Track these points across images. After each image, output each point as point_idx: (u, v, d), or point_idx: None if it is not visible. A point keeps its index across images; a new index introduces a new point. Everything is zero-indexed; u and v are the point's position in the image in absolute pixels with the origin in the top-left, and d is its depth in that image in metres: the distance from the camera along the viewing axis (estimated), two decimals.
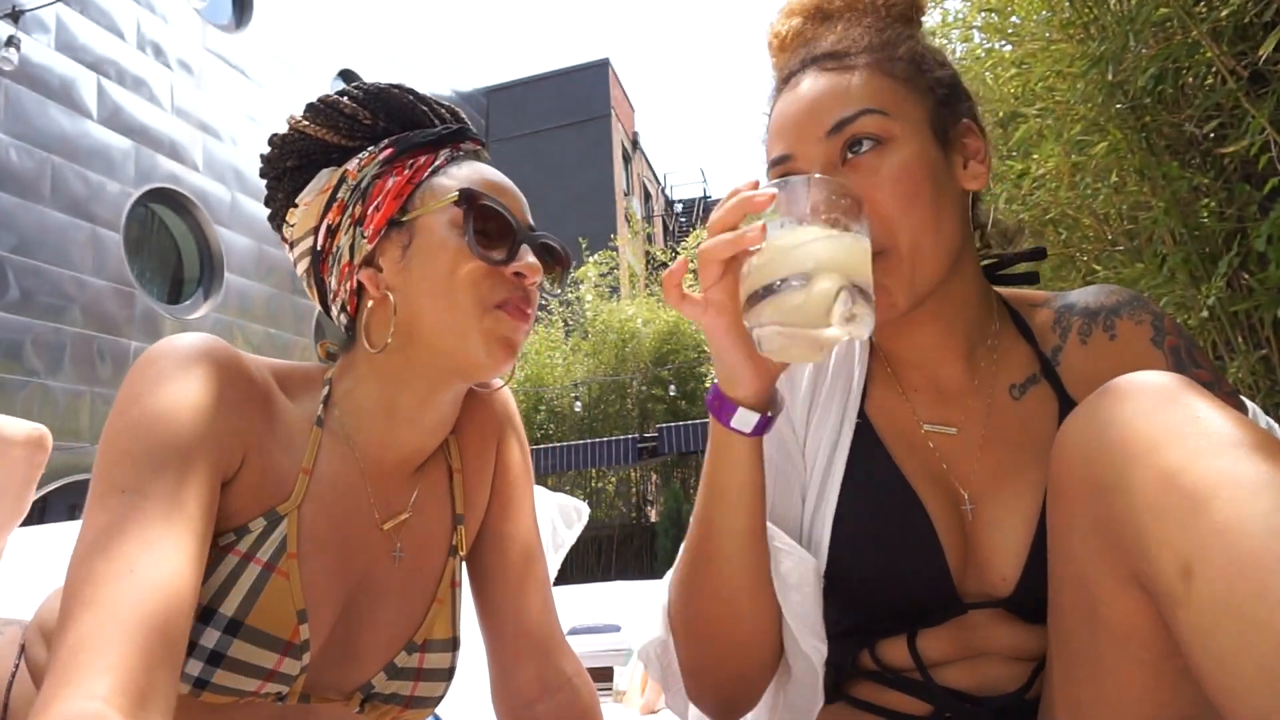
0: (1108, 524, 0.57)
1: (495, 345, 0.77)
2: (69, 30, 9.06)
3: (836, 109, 0.73)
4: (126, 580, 0.57)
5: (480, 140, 0.89)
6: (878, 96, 0.73)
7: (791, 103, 0.76)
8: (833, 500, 0.79)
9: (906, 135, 0.73)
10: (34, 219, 8.52)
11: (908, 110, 0.74)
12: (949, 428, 0.80)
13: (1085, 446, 0.60)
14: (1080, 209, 2.59)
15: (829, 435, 0.82)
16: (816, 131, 0.73)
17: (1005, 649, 0.74)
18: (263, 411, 0.75)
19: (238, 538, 0.71)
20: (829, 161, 0.73)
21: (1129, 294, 0.79)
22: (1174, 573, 0.52)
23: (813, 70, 0.76)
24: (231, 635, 0.68)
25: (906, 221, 0.71)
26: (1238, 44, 1.73)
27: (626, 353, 13.15)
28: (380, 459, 0.81)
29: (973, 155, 0.78)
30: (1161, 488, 0.53)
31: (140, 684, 0.53)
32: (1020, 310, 0.84)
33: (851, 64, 0.75)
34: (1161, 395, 0.57)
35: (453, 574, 0.87)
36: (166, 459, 0.64)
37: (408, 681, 0.81)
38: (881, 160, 0.72)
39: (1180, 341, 0.76)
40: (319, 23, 13.30)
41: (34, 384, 8.43)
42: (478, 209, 0.77)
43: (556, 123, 20.60)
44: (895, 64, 0.75)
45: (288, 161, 0.84)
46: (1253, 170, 1.85)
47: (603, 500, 13.13)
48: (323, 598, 0.75)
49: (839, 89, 0.74)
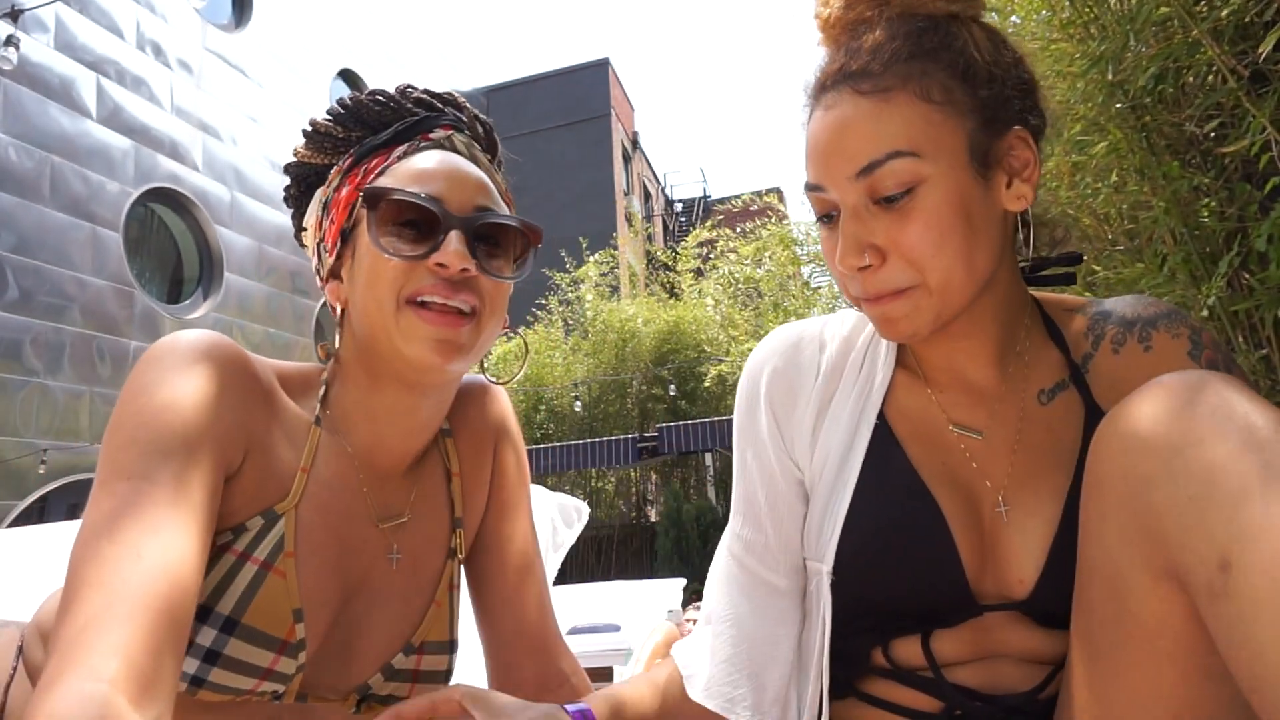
0: (1146, 517, 0.57)
1: (417, 344, 0.74)
2: (68, 30, 9.06)
3: (866, 149, 0.70)
4: (133, 563, 0.56)
5: (455, 124, 0.85)
6: (909, 133, 0.69)
7: (823, 129, 0.73)
8: (845, 501, 0.78)
9: (939, 174, 0.69)
10: (34, 218, 8.52)
11: (943, 143, 0.70)
12: (975, 432, 0.79)
13: (1125, 440, 0.60)
14: (1080, 208, 2.59)
15: (842, 437, 0.81)
16: (846, 170, 0.71)
17: (1020, 651, 0.74)
18: (265, 409, 0.75)
19: (235, 536, 0.71)
20: (859, 201, 0.71)
21: (1168, 307, 0.78)
22: (1213, 565, 0.52)
23: (846, 91, 0.72)
24: (228, 634, 0.68)
25: (936, 264, 0.70)
26: (1238, 43, 1.73)
27: (626, 352, 13.15)
28: (373, 460, 0.82)
29: (1018, 171, 0.74)
30: (1203, 481, 0.53)
31: (146, 668, 0.53)
32: (1054, 315, 0.83)
33: (885, 86, 0.70)
34: (1203, 390, 0.57)
35: (451, 577, 0.87)
36: (173, 448, 0.64)
37: (404, 683, 0.81)
38: (912, 204, 0.69)
39: (1218, 356, 0.75)
40: (319, 22, 13.30)
41: (33, 384, 8.42)
42: (386, 205, 0.75)
43: (556, 122, 20.60)
44: (933, 85, 0.70)
45: (293, 190, 0.89)
46: (1253, 170, 1.85)
47: (602, 500, 13.14)
48: (320, 597, 0.75)
49: (869, 124, 0.70)
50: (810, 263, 10.57)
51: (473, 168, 0.81)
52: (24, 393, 8.35)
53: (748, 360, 0.90)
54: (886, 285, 0.72)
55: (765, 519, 0.84)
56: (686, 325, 13.02)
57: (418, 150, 0.81)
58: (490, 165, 0.86)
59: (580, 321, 13.96)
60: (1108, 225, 2.55)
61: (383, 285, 0.74)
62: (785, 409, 0.85)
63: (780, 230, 11.07)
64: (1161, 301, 0.79)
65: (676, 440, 10.99)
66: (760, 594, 0.84)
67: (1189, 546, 0.53)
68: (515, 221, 0.80)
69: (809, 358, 0.86)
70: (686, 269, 14.57)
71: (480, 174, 0.81)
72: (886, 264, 0.71)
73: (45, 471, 8.49)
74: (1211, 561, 0.52)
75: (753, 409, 0.87)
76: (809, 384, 0.85)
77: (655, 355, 13.08)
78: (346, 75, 13.98)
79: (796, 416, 0.84)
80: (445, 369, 0.76)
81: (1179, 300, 2.06)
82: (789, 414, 0.85)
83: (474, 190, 0.79)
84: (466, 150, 0.83)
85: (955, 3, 0.74)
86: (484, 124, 0.90)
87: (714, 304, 13.14)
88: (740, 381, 0.90)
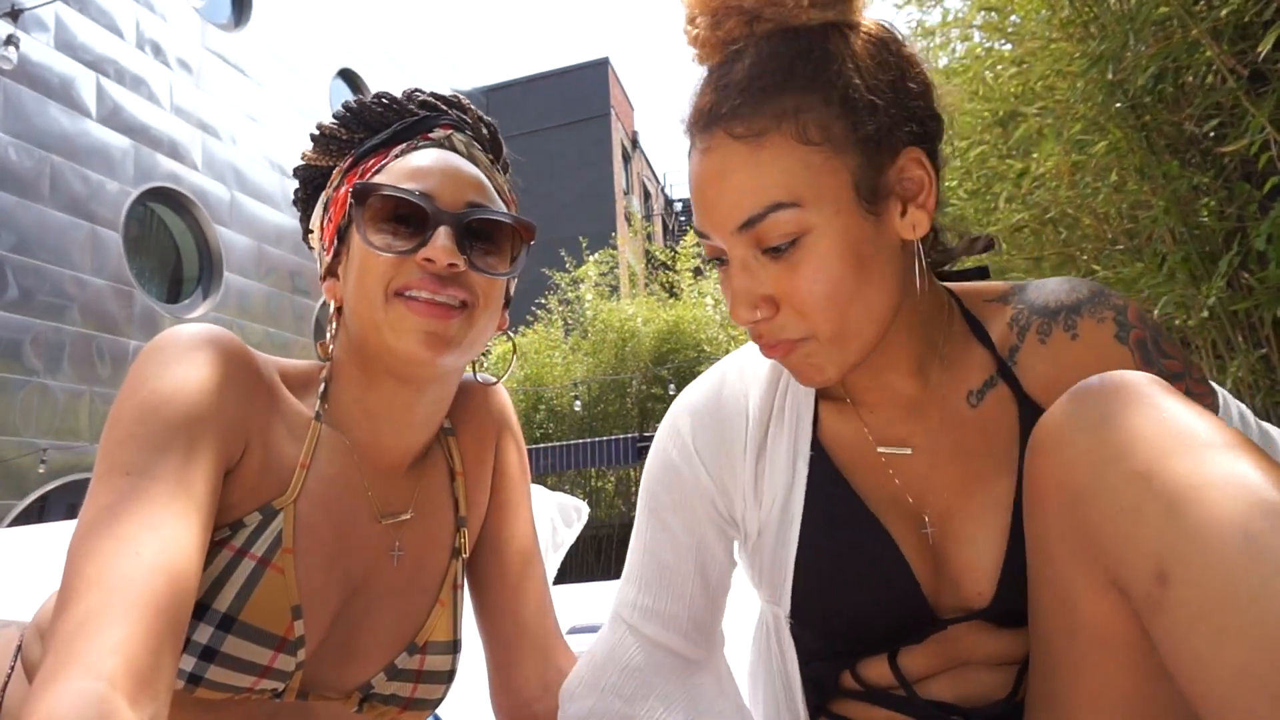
0: (1083, 528, 0.57)
1: (405, 337, 0.74)
2: (68, 29, 9.06)
3: (745, 201, 0.66)
4: (132, 560, 0.56)
5: (455, 124, 0.86)
6: (788, 182, 0.65)
7: (701, 176, 0.69)
8: (794, 540, 0.76)
9: (824, 220, 0.65)
10: (33, 218, 8.52)
11: (825, 187, 0.65)
12: (904, 449, 0.77)
13: (1058, 451, 0.59)
14: (1080, 208, 2.59)
15: (782, 477, 0.78)
16: (728, 224, 0.67)
17: (988, 656, 0.73)
18: (267, 403, 0.75)
19: (232, 532, 0.71)
20: (746, 253, 0.68)
21: (1090, 289, 0.76)
22: (1149, 577, 0.52)
23: (720, 134, 0.67)
24: (225, 631, 0.68)
25: (827, 315, 0.67)
26: (1238, 43, 1.73)
27: (626, 352, 13.14)
28: (373, 457, 0.82)
29: (913, 196, 0.70)
30: (1136, 491, 0.53)
31: (145, 666, 0.52)
32: (975, 308, 0.80)
33: (759, 130, 0.65)
34: (1132, 396, 0.57)
35: (455, 576, 0.87)
36: (172, 441, 0.64)
37: (407, 683, 0.81)
38: (798, 255, 0.66)
39: (1146, 333, 0.73)
40: (318, 22, 13.29)
41: (33, 383, 8.42)
42: (374, 201, 0.76)
43: (556, 122, 20.60)
44: (810, 124, 0.65)
45: (301, 193, 0.89)
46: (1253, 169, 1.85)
47: (602, 499, 13.13)
48: (320, 594, 0.74)
49: (746, 174, 0.66)
50: None
51: (468, 165, 0.81)
52: (24, 392, 8.34)
53: (665, 423, 0.85)
54: (780, 335, 0.69)
55: (690, 587, 0.80)
56: (686, 325, 13.02)
57: (415, 149, 0.81)
58: (491, 166, 0.86)
59: (580, 321, 13.96)
60: (1107, 224, 2.55)
61: (371, 279, 0.74)
62: (722, 464, 0.80)
63: None
64: (1085, 283, 0.76)
65: None
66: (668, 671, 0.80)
67: (1125, 559, 0.53)
68: (507, 217, 0.79)
69: (735, 407, 0.82)
70: (686, 268, 14.57)
71: (475, 171, 0.81)
72: (780, 314, 0.68)
73: (45, 471, 8.49)
74: (1148, 574, 0.52)
75: (680, 472, 0.81)
76: (741, 433, 0.81)
77: (655, 355, 13.07)
78: (346, 75, 13.97)
79: (735, 468, 0.80)
80: (435, 362, 0.75)
81: (1179, 299, 2.06)
82: (728, 468, 0.80)
83: (466, 187, 0.79)
84: (465, 150, 0.83)
85: (829, 10, 0.68)
86: (488, 126, 0.90)
87: (714, 304, 13.13)
88: (659, 445, 0.84)
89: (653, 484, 0.84)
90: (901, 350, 0.75)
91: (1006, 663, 0.73)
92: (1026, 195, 2.79)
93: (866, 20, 0.71)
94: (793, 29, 0.68)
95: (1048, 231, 2.97)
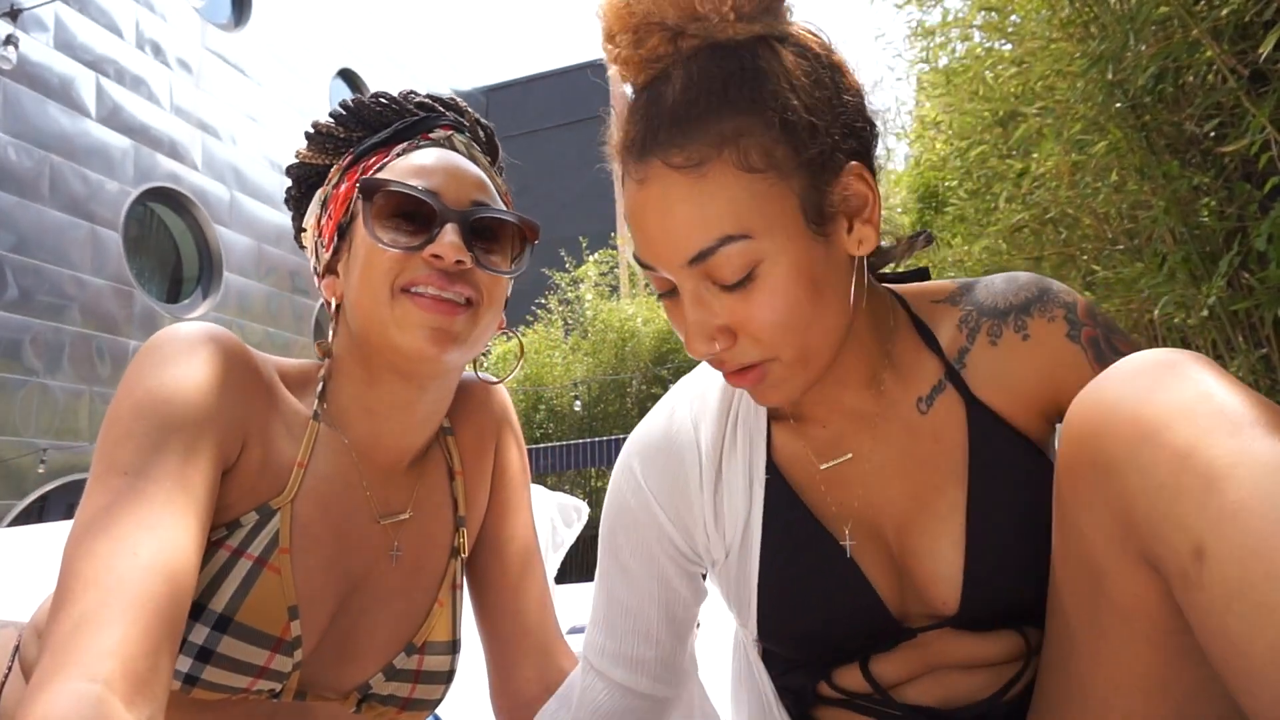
0: (1119, 502, 0.56)
1: (412, 332, 0.74)
2: (68, 29, 9.06)
3: (693, 236, 0.63)
4: (130, 560, 0.56)
5: (456, 125, 0.86)
6: (735, 212, 0.62)
7: (641, 208, 0.66)
8: (754, 564, 0.75)
9: (776, 248, 0.63)
10: (33, 218, 8.52)
11: (772, 214, 0.63)
12: (844, 455, 0.76)
13: (1095, 424, 0.59)
14: (1080, 208, 2.59)
15: (740, 503, 0.77)
16: (676, 259, 0.64)
17: (961, 660, 0.73)
18: (265, 402, 0.75)
19: (229, 532, 0.70)
20: (697, 285, 0.65)
21: (1038, 287, 0.75)
22: (1187, 554, 0.51)
23: (657, 164, 0.63)
24: (220, 632, 0.68)
25: (786, 339, 0.66)
26: (1238, 43, 1.73)
27: (626, 352, 13.14)
28: (372, 456, 0.82)
29: (858, 212, 0.68)
30: (1174, 467, 0.53)
31: (141, 667, 0.52)
32: (923, 311, 0.78)
33: (699, 159, 0.62)
34: (1172, 371, 0.56)
35: (454, 576, 0.87)
36: (170, 440, 0.64)
37: (406, 683, 0.81)
38: (752, 285, 0.64)
39: (1098, 330, 0.72)
40: (318, 22, 13.29)
41: (33, 383, 8.42)
42: (382, 197, 0.76)
43: (556, 121, 20.60)
44: (751, 149, 0.62)
45: (295, 191, 0.89)
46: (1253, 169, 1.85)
47: (602, 499, 13.08)
48: (317, 594, 0.74)
49: (690, 208, 0.63)
50: None
51: (471, 165, 0.82)
52: (23, 392, 8.34)
53: (618, 464, 0.83)
54: (740, 361, 0.67)
55: (655, 629, 0.80)
56: None
57: (417, 148, 0.81)
58: (489, 167, 0.87)
59: (580, 321, 13.96)
60: (1107, 224, 2.55)
61: (377, 275, 0.74)
62: (678, 502, 0.79)
63: None
64: (1033, 281, 0.75)
65: None
66: (638, 714, 0.79)
67: (1161, 535, 0.53)
68: (512, 217, 0.80)
69: (685, 440, 0.80)
70: None
71: (478, 171, 0.82)
72: (737, 343, 0.66)
73: (45, 471, 8.49)
74: (1185, 550, 0.51)
75: (636, 515, 0.80)
76: (694, 467, 0.79)
77: (655, 355, 13.07)
78: (346, 75, 13.97)
79: (691, 504, 0.79)
80: (440, 358, 0.75)
81: (1179, 299, 2.06)
82: (684, 505, 0.79)
83: (471, 186, 0.79)
84: (466, 150, 0.84)
85: (755, 23, 0.65)
86: (485, 128, 0.90)
87: None
88: (614, 488, 0.83)
89: (610, 528, 0.82)
90: (853, 362, 0.74)
91: (982, 665, 0.73)
92: (1026, 195, 2.79)
93: (793, 27, 0.68)
94: (720, 45, 0.65)
95: (1048, 231, 2.97)
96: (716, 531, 0.78)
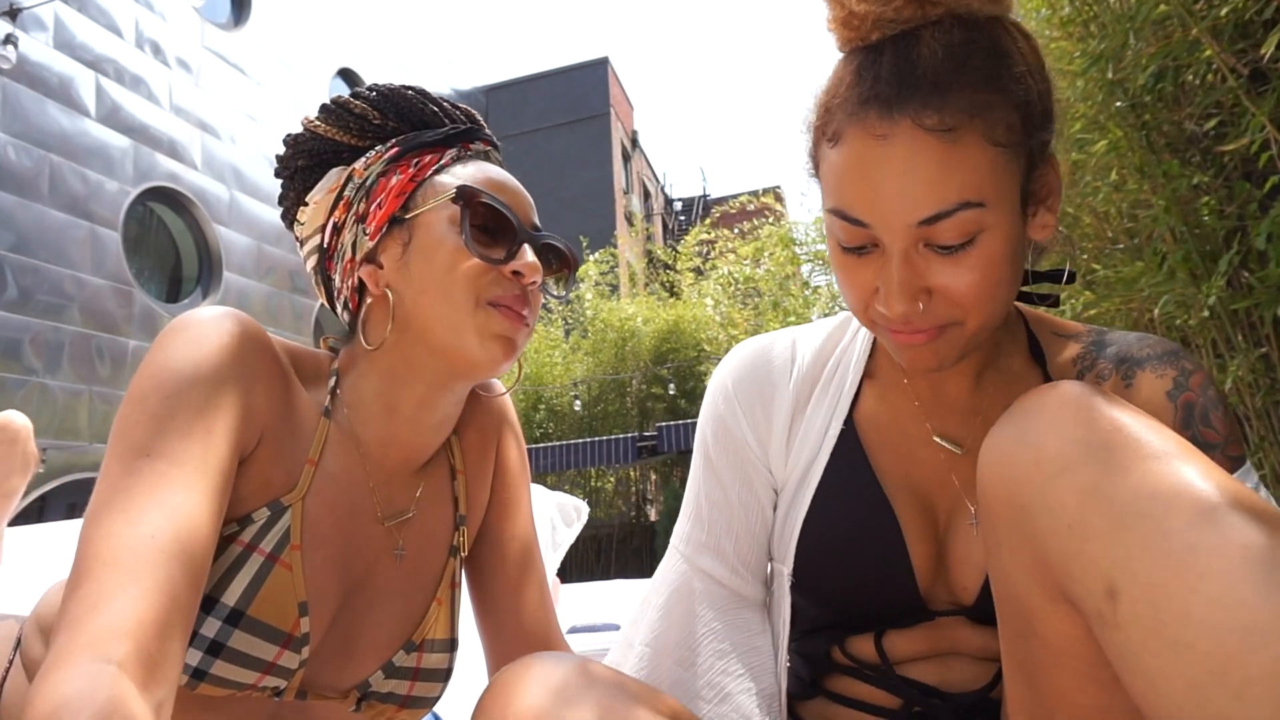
0: (1033, 543, 0.56)
1: (490, 342, 0.76)
2: (67, 28, 9.05)
3: (933, 197, 0.63)
4: (148, 544, 0.56)
5: (492, 141, 0.89)
6: (978, 182, 0.64)
7: (878, 163, 0.65)
8: (805, 504, 0.79)
9: (999, 220, 0.65)
10: (32, 217, 8.51)
11: (1003, 188, 0.65)
12: (956, 446, 0.79)
13: (1004, 465, 0.59)
14: (1080, 207, 2.59)
15: (812, 443, 0.81)
16: (907, 218, 0.65)
17: (972, 650, 0.75)
18: (282, 392, 0.75)
19: (240, 527, 0.71)
20: (912, 244, 0.66)
21: (1165, 349, 0.74)
22: (1100, 594, 0.51)
23: (905, 122, 0.63)
24: (232, 625, 0.68)
25: (981, 307, 0.67)
26: (1238, 41, 1.73)
27: (626, 351, 13.14)
28: (383, 456, 0.81)
29: (1044, 199, 0.71)
30: (1080, 506, 0.53)
31: (154, 651, 0.52)
32: (1042, 335, 0.81)
33: (952, 125, 0.62)
34: (1074, 407, 0.56)
35: (453, 574, 0.87)
36: (192, 425, 0.64)
37: (405, 681, 0.81)
38: (971, 252, 0.65)
39: (1199, 399, 0.71)
40: (318, 21, 13.28)
41: (32, 383, 8.42)
42: (476, 206, 0.77)
43: (556, 121, 20.58)
44: (999, 125, 0.64)
45: (299, 161, 0.86)
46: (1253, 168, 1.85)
47: (602, 499, 13.13)
48: (323, 592, 0.74)
49: (937, 170, 0.63)
50: (809, 261, 10.57)
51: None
52: (23, 392, 8.34)
53: (718, 371, 0.89)
54: (926, 323, 0.68)
55: (736, 525, 0.83)
56: (686, 324, 13.02)
57: (469, 157, 0.83)
58: None
59: (580, 320, 13.96)
60: (1107, 223, 2.54)
61: (463, 283, 0.76)
62: (760, 417, 0.84)
63: (779, 230, 11.08)
64: (1162, 344, 0.75)
65: (676, 439, 10.99)
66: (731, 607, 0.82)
67: (1075, 575, 0.53)
68: (564, 245, 0.86)
69: (780, 366, 0.85)
70: (686, 268, 14.57)
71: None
72: (931, 303, 0.67)
73: (44, 471, 8.49)
74: (1098, 590, 0.51)
75: (724, 421, 0.85)
76: (782, 391, 0.84)
77: (655, 354, 13.07)
78: (346, 74, 13.96)
79: (771, 424, 0.84)
80: (502, 366, 0.79)
81: (1179, 299, 2.06)
82: (765, 421, 0.84)
83: (530, 208, 0.83)
84: (501, 167, 0.86)
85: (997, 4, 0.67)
86: (497, 146, 0.93)
87: (714, 303, 13.13)
88: (711, 392, 0.88)
89: (702, 431, 0.88)
90: (969, 355, 0.76)
91: (990, 657, 0.75)
92: None
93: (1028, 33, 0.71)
94: (963, 18, 0.66)
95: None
96: (783, 461, 0.83)
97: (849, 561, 0.76)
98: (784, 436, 0.83)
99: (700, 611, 0.81)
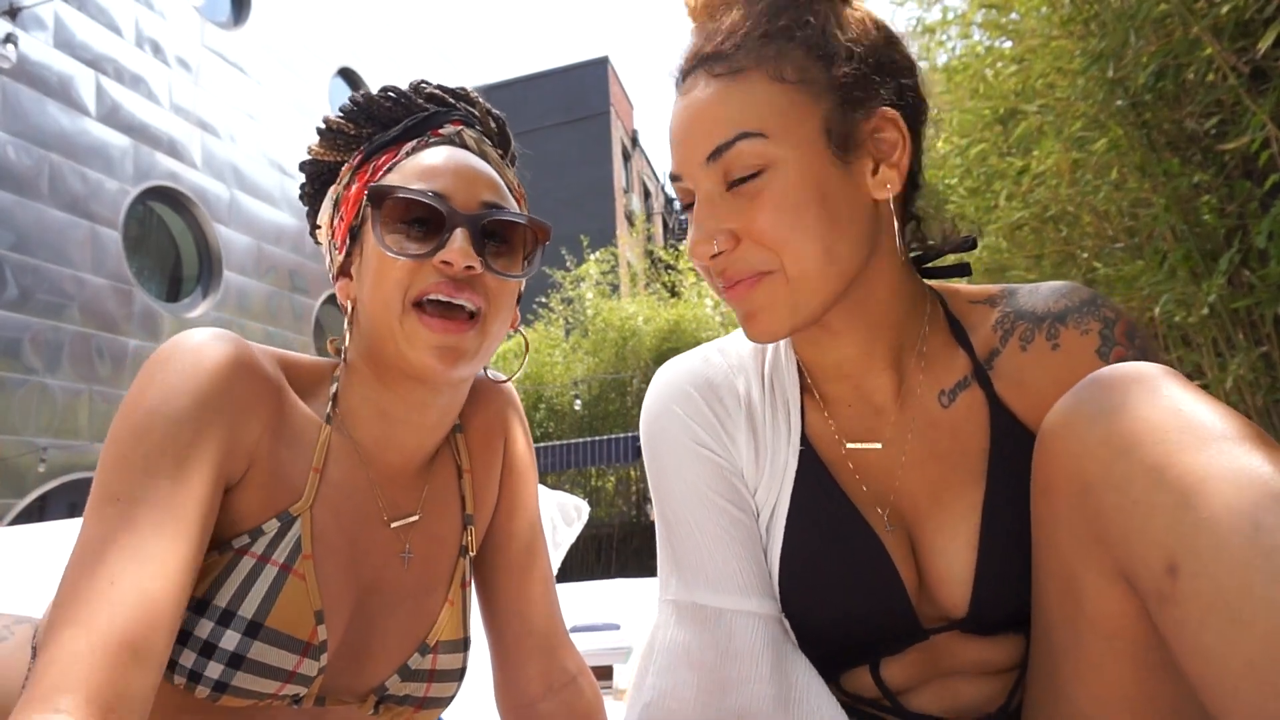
0: (1094, 520, 0.57)
1: (423, 351, 0.72)
2: (67, 28, 9.05)
3: (715, 131, 0.68)
4: (105, 595, 0.57)
5: (464, 118, 0.85)
6: (758, 113, 0.67)
7: (679, 113, 0.71)
8: (779, 534, 0.74)
9: (791, 156, 0.66)
10: (32, 217, 8.51)
11: (793, 124, 0.67)
12: (873, 444, 0.76)
13: (1069, 442, 0.59)
14: (1080, 206, 2.59)
15: (779, 461, 0.77)
16: (697, 155, 0.69)
17: (971, 666, 0.73)
18: (274, 410, 0.74)
19: (252, 540, 0.70)
20: (712, 188, 0.69)
21: (1080, 298, 0.74)
22: (1160, 570, 0.51)
23: (701, 74, 0.70)
24: (251, 637, 0.68)
25: (789, 248, 0.67)
26: (1238, 40, 1.73)
27: (626, 351, 13.14)
28: (384, 459, 0.81)
29: (885, 155, 0.70)
30: (1147, 484, 0.53)
31: (107, 695, 0.54)
32: (958, 308, 0.79)
33: (738, 67, 0.68)
34: (1145, 387, 0.57)
35: (463, 574, 0.87)
36: (163, 465, 0.64)
37: (421, 683, 0.81)
38: (762, 186, 0.67)
39: (1130, 353, 0.71)
40: (318, 20, 13.28)
41: (32, 382, 8.42)
42: (390, 203, 0.74)
43: (556, 120, 20.58)
44: (786, 65, 0.67)
45: (306, 187, 0.88)
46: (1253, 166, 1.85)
47: (602, 498, 13.14)
48: (337, 599, 0.74)
49: (718, 106, 0.68)
50: None
51: (481, 164, 0.80)
52: (23, 391, 8.34)
53: (653, 412, 0.81)
54: (740, 268, 0.69)
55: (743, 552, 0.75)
56: (687, 324, 13.02)
57: (427, 146, 0.80)
58: (501, 161, 0.85)
59: (580, 320, 13.96)
60: (1108, 222, 2.54)
61: (388, 285, 0.73)
62: (722, 435, 0.78)
63: None
64: (1077, 291, 0.75)
65: None
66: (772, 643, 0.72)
67: (1136, 551, 0.53)
68: (523, 219, 0.78)
69: (723, 382, 0.80)
70: (687, 267, 14.56)
71: (489, 170, 0.80)
72: (739, 248, 0.68)
73: (45, 470, 8.49)
74: (1158, 566, 0.51)
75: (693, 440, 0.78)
76: (736, 409, 0.79)
77: (655, 354, 13.07)
78: (346, 73, 13.96)
79: (737, 440, 0.78)
80: (449, 375, 0.74)
81: (1179, 297, 2.06)
82: (729, 439, 0.78)
83: (481, 186, 0.77)
84: (476, 146, 0.82)
85: None
86: (496, 119, 0.89)
87: (714, 303, 13.14)
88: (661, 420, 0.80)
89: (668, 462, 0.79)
90: (873, 336, 0.75)
91: (991, 671, 0.72)
92: (1027, 193, 2.79)
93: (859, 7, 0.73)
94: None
95: (1048, 229, 2.97)
96: (756, 476, 0.77)
97: (835, 586, 0.72)
98: (752, 454, 0.78)
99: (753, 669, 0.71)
